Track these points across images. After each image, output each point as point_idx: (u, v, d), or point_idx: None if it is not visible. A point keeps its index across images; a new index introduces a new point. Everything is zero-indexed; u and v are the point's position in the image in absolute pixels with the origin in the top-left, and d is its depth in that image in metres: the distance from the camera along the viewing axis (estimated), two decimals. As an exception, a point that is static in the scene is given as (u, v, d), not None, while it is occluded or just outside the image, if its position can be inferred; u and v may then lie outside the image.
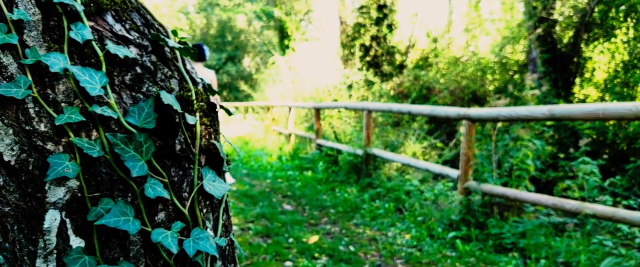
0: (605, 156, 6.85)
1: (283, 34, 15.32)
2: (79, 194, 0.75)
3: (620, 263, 2.81)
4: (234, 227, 4.08)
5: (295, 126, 10.87)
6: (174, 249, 0.79)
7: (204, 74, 5.71)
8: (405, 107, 5.47)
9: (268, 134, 11.95)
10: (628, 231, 3.26)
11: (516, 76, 11.00)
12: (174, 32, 0.96)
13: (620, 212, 2.95)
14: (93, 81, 0.76)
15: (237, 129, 13.96)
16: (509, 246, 3.50)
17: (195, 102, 0.89)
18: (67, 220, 0.75)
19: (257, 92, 17.70)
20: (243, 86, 21.13)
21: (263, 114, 13.87)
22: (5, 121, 0.72)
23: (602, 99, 8.87)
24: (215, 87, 5.57)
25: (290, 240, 3.78)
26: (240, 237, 3.81)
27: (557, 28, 9.67)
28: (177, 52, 0.92)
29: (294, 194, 5.61)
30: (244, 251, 3.44)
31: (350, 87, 11.90)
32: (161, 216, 0.84)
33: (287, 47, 14.72)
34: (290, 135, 10.07)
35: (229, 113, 1.06)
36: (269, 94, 14.78)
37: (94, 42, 0.79)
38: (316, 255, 3.43)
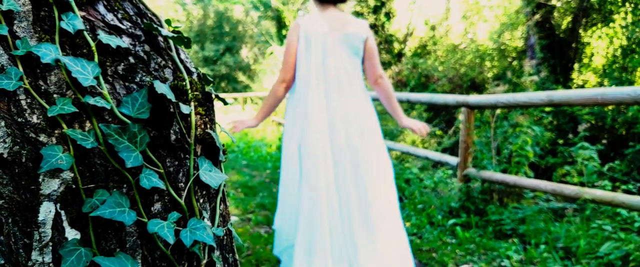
0: (604, 141, 6.86)
1: (280, 24, 15.25)
2: (74, 186, 0.75)
3: (619, 247, 2.82)
4: (235, 218, 4.08)
5: (294, 116, 10.82)
6: (171, 240, 0.79)
7: (348, 23, 2.43)
8: (404, 95, 5.46)
9: (267, 124, 11.94)
10: (627, 215, 3.26)
11: (515, 63, 10.97)
12: (168, 22, 0.95)
13: (620, 196, 2.95)
14: (85, 72, 0.75)
15: (236, 120, 13.91)
16: (508, 232, 3.52)
17: (189, 91, 0.88)
18: (62, 212, 0.74)
19: (255, 83, 17.68)
20: (241, 77, 21.11)
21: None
22: (-3, 113, 0.71)
23: (600, 84, 8.86)
24: (374, 50, 2.49)
25: (291, 230, 3.78)
26: (241, 227, 3.82)
27: (556, 14, 9.63)
28: (171, 42, 0.91)
29: (293, 184, 5.61)
30: (245, 242, 3.45)
31: (348, 76, 11.83)
32: (157, 206, 0.83)
33: (285, 37, 14.66)
34: (289, 125, 10.04)
35: (225, 103, 1.05)
36: (267, 85, 14.74)
37: (85, 32, 0.78)
38: (316, 244, 3.44)
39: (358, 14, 12.84)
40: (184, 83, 0.88)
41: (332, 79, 2.40)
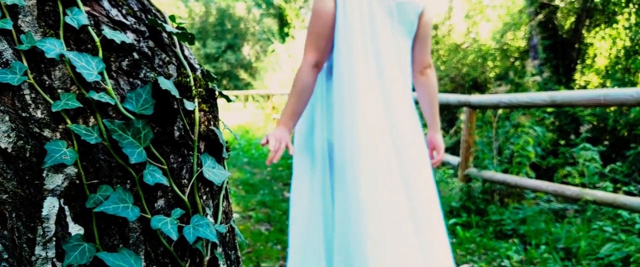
0: (606, 142, 6.84)
1: (283, 22, 15.25)
2: (77, 181, 0.75)
3: (620, 249, 2.82)
4: (236, 215, 4.09)
5: (296, 114, 10.82)
6: (174, 236, 0.79)
7: None
8: (406, 94, 5.44)
9: (268, 122, 11.94)
10: (628, 217, 3.26)
11: (517, 63, 10.95)
12: (172, 18, 0.95)
13: (621, 198, 2.94)
14: (90, 67, 0.75)
15: (237, 118, 13.95)
16: (509, 232, 3.51)
17: (193, 88, 0.88)
18: (66, 207, 0.74)
19: (257, 81, 17.66)
20: (243, 74, 21.09)
21: (263, 102, 13.84)
22: (1, 108, 0.71)
23: (603, 85, 8.84)
24: (429, 28, 1.67)
25: (291, 227, 3.78)
26: (242, 225, 3.82)
27: (559, 14, 9.61)
28: (175, 38, 0.91)
29: (294, 182, 5.61)
30: (246, 239, 3.45)
31: (350, 74, 11.80)
32: (160, 202, 0.83)
33: (287, 34, 14.64)
34: (290, 123, 10.02)
35: (229, 100, 1.05)
36: (269, 83, 14.73)
37: (90, 28, 0.78)
38: (317, 242, 3.43)
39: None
40: (188, 79, 0.88)
41: (385, 70, 1.62)
